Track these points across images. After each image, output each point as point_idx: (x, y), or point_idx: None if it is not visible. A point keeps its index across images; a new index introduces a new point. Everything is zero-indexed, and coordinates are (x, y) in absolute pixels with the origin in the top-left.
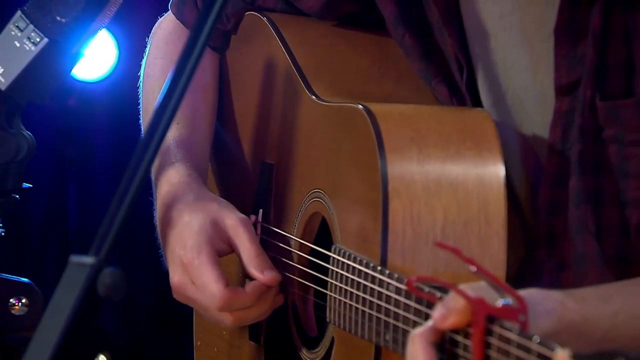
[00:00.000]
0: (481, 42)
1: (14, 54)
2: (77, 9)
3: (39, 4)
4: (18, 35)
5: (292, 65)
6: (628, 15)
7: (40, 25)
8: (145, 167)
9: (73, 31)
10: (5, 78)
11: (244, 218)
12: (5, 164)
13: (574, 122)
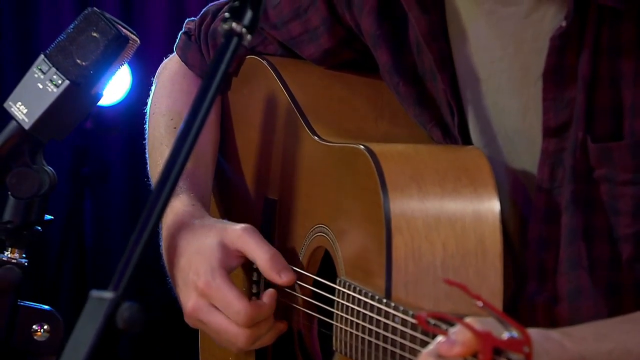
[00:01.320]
0: (472, 87)
1: (37, 96)
2: (96, 52)
3: (61, 49)
4: (41, 78)
5: (292, 105)
6: (614, 62)
7: (62, 68)
8: (161, 207)
9: (93, 73)
10: (29, 118)
11: (247, 226)
12: (28, 199)
13: (562, 162)
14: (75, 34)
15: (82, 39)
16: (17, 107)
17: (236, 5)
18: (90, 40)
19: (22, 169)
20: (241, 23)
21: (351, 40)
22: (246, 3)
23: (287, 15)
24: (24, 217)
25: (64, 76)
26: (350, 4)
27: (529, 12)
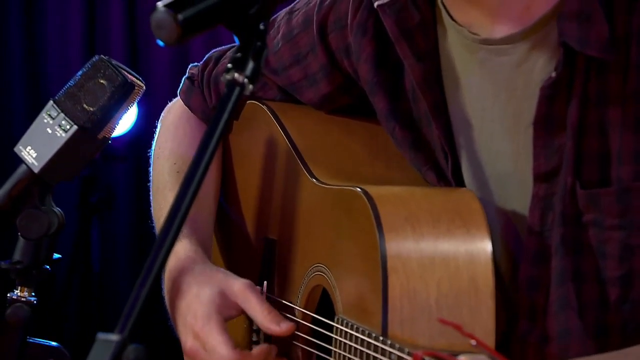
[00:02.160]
0: (466, 133)
1: (47, 140)
2: (103, 98)
3: (69, 95)
4: (50, 123)
5: (291, 149)
6: (602, 110)
7: (70, 114)
8: (164, 254)
9: (100, 118)
10: (39, 162)
11: (249, 283)
12: (37, 239)
13: (552, 206)
14: (83, 81)
15: (89, 85)
16: (27, 151)
17: (238, 57)
18: (98, 87)
19: (32, 211)
20: (243, 73)
21: (349, 85)
22: (248, 54)
23: (287, 61)
24: (33, 257)
25: (72, 121)
26: (348, 51)
27: (521, 61)
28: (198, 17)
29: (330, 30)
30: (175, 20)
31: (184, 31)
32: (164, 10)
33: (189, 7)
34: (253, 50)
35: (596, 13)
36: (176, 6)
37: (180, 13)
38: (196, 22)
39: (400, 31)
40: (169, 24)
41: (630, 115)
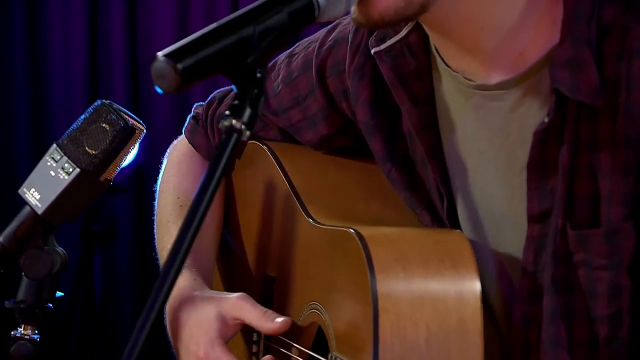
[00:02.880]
0: (461, 175)
1: (50, 182)
2: (105, 142)
3: (72, 139)
4: (53, 166)
5: (290, 189)
6: (592, 154)
7: (73, 157)
8: (166, 291)
9: (102, 162)
10: (42, 204)
11: (242, 295)
12: (41, 279)
13: (545, 246)
14: (85, 125)
15: (91, 129)
16: (31, 193)
17: (236, 104)
18: (100, 131)
19: (35, 251)
20: (241, 120)
21: (347, 127)
22: (246, 102)
23: (287, 103)
24: (37, 297)
25: (74, 164)
26: (346, 94)
27: (515, 106)
28: (197, 67)
29: (328, 73)
30: (175, 70)
31: (183, 80)
32: (164, 60)
33: (188, 56)
34: (250, 97)
35: (586, 61)
36: (175, 56)
37: (180, 63)
38: (195, 71)
39: (396, 77)
40: (169, 73)
41: (619, 160)
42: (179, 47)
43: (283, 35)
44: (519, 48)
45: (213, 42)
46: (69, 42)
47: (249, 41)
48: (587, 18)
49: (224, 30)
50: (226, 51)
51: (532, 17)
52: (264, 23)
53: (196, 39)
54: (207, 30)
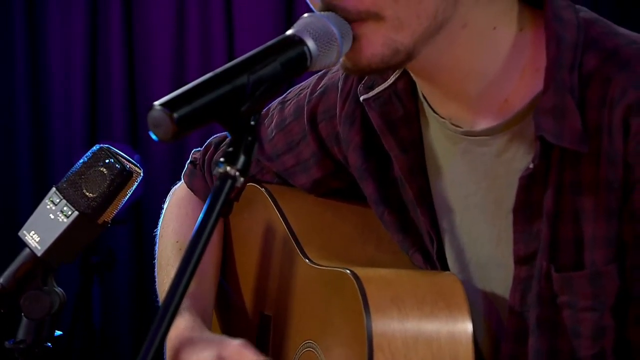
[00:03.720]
0: (449, 218)
1: (49, 225)
2: (103, 185)
3: (71, 182)
4: (52, 209)
5: (287, 230)
6: (576, 198)
7: (72, 200)
8: (164, 330)
9: (100, 205)
10: (41, 246)
11: (244, 342)
12: (40, 319)
13: (531, 288)
14: (84, 169)
15: (90, 173)
16: (31, 235)
17: (230, 151)
18: (98, 175)
19: (35, 292)
20: (235, 167)
21: (339, 171)
22: (240, 149)
23: (281, 149)
24: (36, 336)
25: (73, 207)
26: (337, 139)
27: (501, 152)
28: (192, 115)
29: (320, 119)
30: (171, 119)
31: (179, 129)
32: (160, 109)
33: (184, 105)
34: (244, 144)
35: (570, 108)
36: (171, 105)
37: (176, 112)
38: (191, 119)
39: (385, 124)
40: (165, 122)
41: (602, 204)
42: (175, 97)
43: (276, 84)
44: (504, 95)
45: (208, 91)
46: (69, 66)
47: (243, 90)
48: (570, 66)
49: (219, 80)
50: (221, 100)
51: (516, 65)
52: (258, 73)
53: (191, 88)
54: (202, 79)
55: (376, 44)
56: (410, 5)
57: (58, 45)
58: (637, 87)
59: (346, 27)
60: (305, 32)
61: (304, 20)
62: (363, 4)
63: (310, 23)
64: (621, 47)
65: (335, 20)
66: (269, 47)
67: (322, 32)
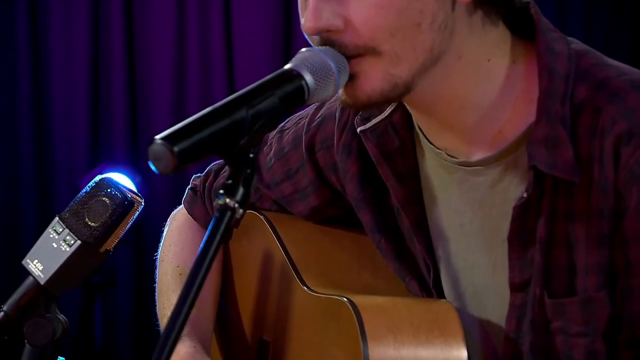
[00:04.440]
0: (445, 246)
1: (52, 254)
2: (105, 215)
3: (74, 212)
4: (55, 238)
5: (285, 258)
6: (568, 226)
7: (74, 230)
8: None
9: (102, 234)
10: (45, 274)
11: None
12: (43, 346)
13: (526, 314)
14: (86, 199)
15: (92, 202)
16: (34, 264)
17: (229, 183)
18: (100, 205)
19: (38, 320)
20: (234, 199)
21: (336, 199)
22: (239, 181)
23: (279, 177)
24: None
25: (76, 236)
26: (335, 168)
27: (496, 181)
28: (192, 149)
29: (317, 148)
30: (172, 153)
31: (179, 162)
32: (161, 143)
33: (184, 139)
34: (243, 177)
35: (562, 139)
36: (172, 139)
37: (176, 145)
38: (191, 153)
39: (381, 154)
40: (165, 156)
41: (594, 232)
42: (175, 131)
43: (274, 117)
44: (498, 126)
45: (207, 126)
46: (71, 68)
47: (242, 124)
48: (562, 97)
49: (218, 114)
50: (220, 134)
51: (509, 96)
52: (256, 107)
53: (191, 122)
54: (201, 114)
55: (375, 79)
56: (407, 39)
57: (60, 48)
58: (627, 118)
59: (343, 61)
60: (303, 67)
61: (302, 55)
62: (361, 38)
63: (307, 57)
64: (611, 78)
65: (332, 54)
66: (267, 81)
67: (320, 66)
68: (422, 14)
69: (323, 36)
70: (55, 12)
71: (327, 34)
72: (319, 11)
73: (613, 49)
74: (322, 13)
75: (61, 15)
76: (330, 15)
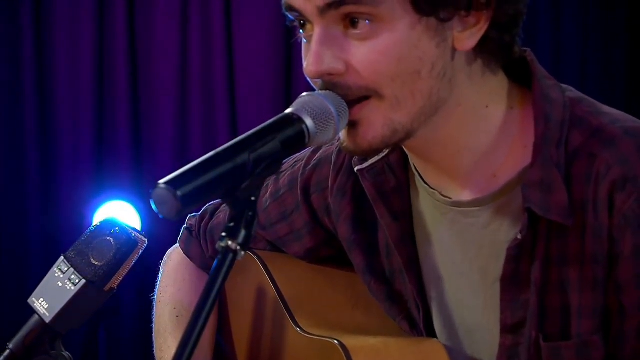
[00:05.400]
0: (437, 286)
1: (57, 293)
2: (109, 254)
3: (79, 251)
4: (61, 277)
5: (278, 298)
6: (562, 269)
7: (79, 269)
8: None
9: (106, 273)
10: (50, 312)
11: None
12: None
13: (517, 355)
14: (91, 238)
15: (97, 242)
16: (40, 302)
17: (231, 226)
18: (105, 244)
19: (43, 357)
20: (236, 241)
21: (330, 240)
22: (241, 223)
23: (275, 218)
24: None
25: (80, 275)
26: (328, 210)
27: (487, 223)
28: (195, 193)
29: (312, 191)
30: (175, 197)
31: (183, 206)
32: (165, 187)
33: (187, 184)
34: (245, 219)
35: (556, 182)
36: (175, 183)
37: (179, 190)
38: (194, 197)
39: (377, 193)
40: (169, 200)
41: (588, 276)
42: (178, 175)
43: (276, 161)
44: (493, 169)
45: (210, 169)
46: (75, 73)
47: (244, 168)
48: (557, 143)
49: (221, 158)
50: (223, 178)
51: (505, 140)
52: (258, 151)
53: (194, 166)
54: (204, 158)
55: (376, 125)
56: (406, 84)
57: (64, 54)
58: (621, 164)
59: (343, 106)
60: (304, 111)
61: (303, 99)
62: (364, 80)
63: (308, 102)
64: (606, 125)
65: (332, 99)
66: (268, 125)
67: (320, 111)
68: (422, 62)
69: (325, 79)
70: (58, 33)
71: (329, 77)
72: (321, 56)
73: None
74: (324, 57)
75: (65, 36)
76: (331, 59)
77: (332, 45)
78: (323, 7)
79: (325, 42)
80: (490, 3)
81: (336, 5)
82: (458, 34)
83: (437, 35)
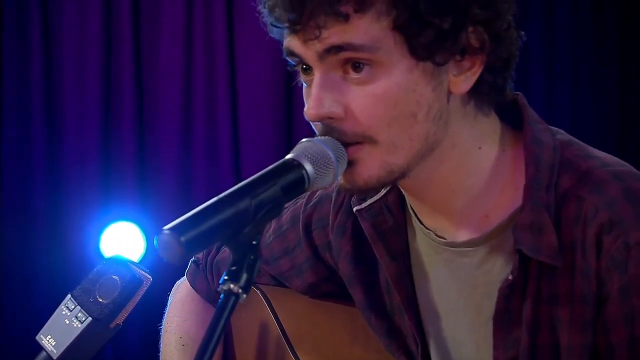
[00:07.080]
0: (433, 322)
1: (64, 330)
2: (115, 292)
3: (85, 290)
4: (67, 314)
5: (280, 333)
6: (552, 308)
7: (86, 306)
8: None
9: (112, 310)
10: (57, 349)
11: None
12: None
13: None
14: (97, 277)
15: (103, 280)
16: (47, 339)
17: (233, 269)
18: (110, 282)
19: None
20: (238, 284)
21: (331, 276)
22: (243, 267)
23: (277, 253)
24: None
25: (87, 313)
26: (329, 247)
27: (481, 263)
28: (198, 238)
29: (314, 227)
30: (179, 243)
31: (186, 251)
32: (169, 234)
33: (190, 229)
34: (247, 263)
35: (546, 224)
36: (179, 230)
37: (183, 236)
38: (197, 242)
39: (376, 233)
40: (173, 246)
41: (577, 315)
42: (182, 222)
43: (277, 206)
44: (485, 210)
45: (213, 215)
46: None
47: (246, 213)
48: (546, 186)
49: (223, 204)
50: (225, 223)
51: (497, 182)
52: (259, 196)
53: (197, 213)
54: (207, 204)
55: (372, 166)
56: (403, 129)
57: (72, 75)
58: (609, 208)
59: (341, 151)
60: (303, 157)
61: (302, 145)
62: (360, 126)
63: (308, 147)
64: (594, 169)
65: (331, 144)
66: (269, 171)
67: (319, 156)
68: (418, 105)
69: (324, 122)
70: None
71: (328, 120)
72: (321, 99)
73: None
74: (324, 101)
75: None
76: (331, 103)
77: (332, 89)
78: (322, 52)
79: (325, 86)
80: (484, 47)
81: (335, 51)
82: (453, 77)
83: (433, 79)
